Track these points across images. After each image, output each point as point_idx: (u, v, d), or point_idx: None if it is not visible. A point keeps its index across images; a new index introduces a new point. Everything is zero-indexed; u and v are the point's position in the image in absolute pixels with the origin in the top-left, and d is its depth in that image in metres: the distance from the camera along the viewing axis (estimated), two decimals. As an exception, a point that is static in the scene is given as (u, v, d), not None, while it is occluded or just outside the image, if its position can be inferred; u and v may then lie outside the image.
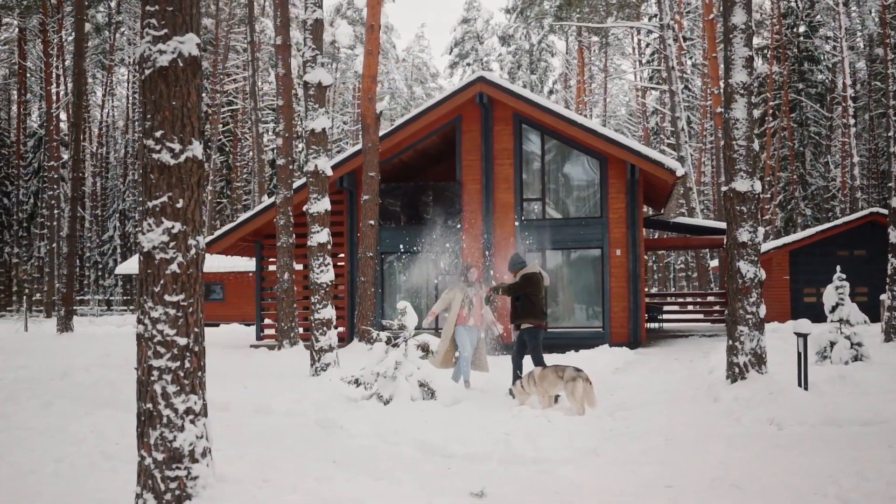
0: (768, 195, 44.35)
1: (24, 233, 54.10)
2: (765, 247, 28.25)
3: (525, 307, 10.91)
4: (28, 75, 52.05)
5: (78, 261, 53.77)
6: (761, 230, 10.63)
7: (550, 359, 14.79)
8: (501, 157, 19.35)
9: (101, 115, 59.73)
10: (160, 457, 5.17)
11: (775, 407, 8.89)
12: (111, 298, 54.15)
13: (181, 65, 5.22)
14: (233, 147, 60.51)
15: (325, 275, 12.57)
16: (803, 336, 9.55)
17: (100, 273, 55.83)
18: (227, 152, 60.77)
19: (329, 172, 12.75)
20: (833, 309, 12.84)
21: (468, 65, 67.41)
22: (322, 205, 12.67)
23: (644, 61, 50.30)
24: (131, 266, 38.23)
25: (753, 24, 10.44)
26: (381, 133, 19.35)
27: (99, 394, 11.57)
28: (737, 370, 10.51)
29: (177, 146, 5.20)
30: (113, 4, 53.68)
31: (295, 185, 19.59)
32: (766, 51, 45.91)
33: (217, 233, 20.86)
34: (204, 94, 62.59)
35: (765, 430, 8.26)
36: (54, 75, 44.86)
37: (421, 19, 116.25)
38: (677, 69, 31.39)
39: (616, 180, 18.80)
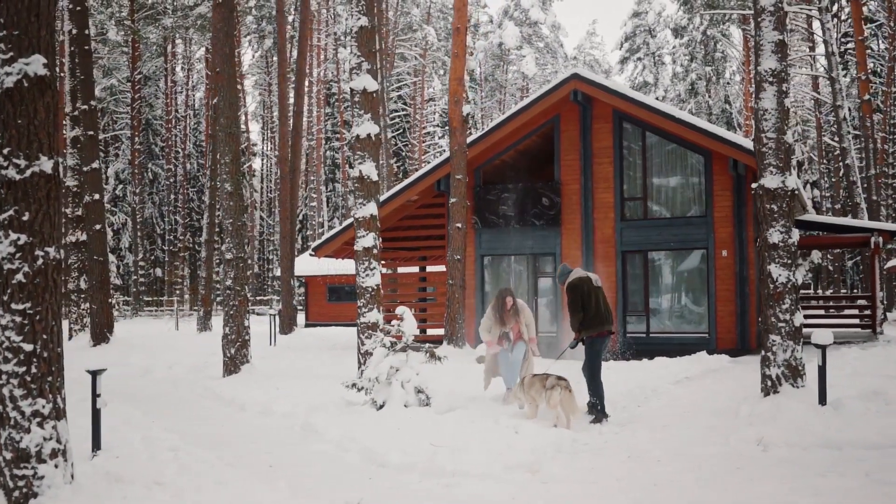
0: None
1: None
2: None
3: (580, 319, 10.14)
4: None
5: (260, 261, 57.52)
6: (796, 231, 9.64)
7: (634, 364, 14.16)
8: (600, 156, 18.68)
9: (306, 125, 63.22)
10: (9, 456, 5.46)
11: (773, 425, 8.08)
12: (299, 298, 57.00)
13: (27, 85, 5.50)
14: (409, 152, 62.38)
15: (370, 279, 12.67)
16: (821, 347, 8.59)
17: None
18: (404, 157, 62.74)
19: (374, 178, 12.82)
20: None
21: (639, 59, 65.49)
22: (368, 209, 12.77)
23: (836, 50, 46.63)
24: (302, 268, 39.11)
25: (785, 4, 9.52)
26: (478, 134, 19.29)
27: (146, 391, 12.36)
28: (769, 383, 9.64)
29: (23, 162, 5.48)
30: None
31: (392, 190, 20.03)
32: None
33: (323, 237, 21.55)
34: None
35: (743, 451, 7.52)
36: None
37: (592, 15, 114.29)
38: (837, 55, 28.94)
39: (721, 177, 17.65)
